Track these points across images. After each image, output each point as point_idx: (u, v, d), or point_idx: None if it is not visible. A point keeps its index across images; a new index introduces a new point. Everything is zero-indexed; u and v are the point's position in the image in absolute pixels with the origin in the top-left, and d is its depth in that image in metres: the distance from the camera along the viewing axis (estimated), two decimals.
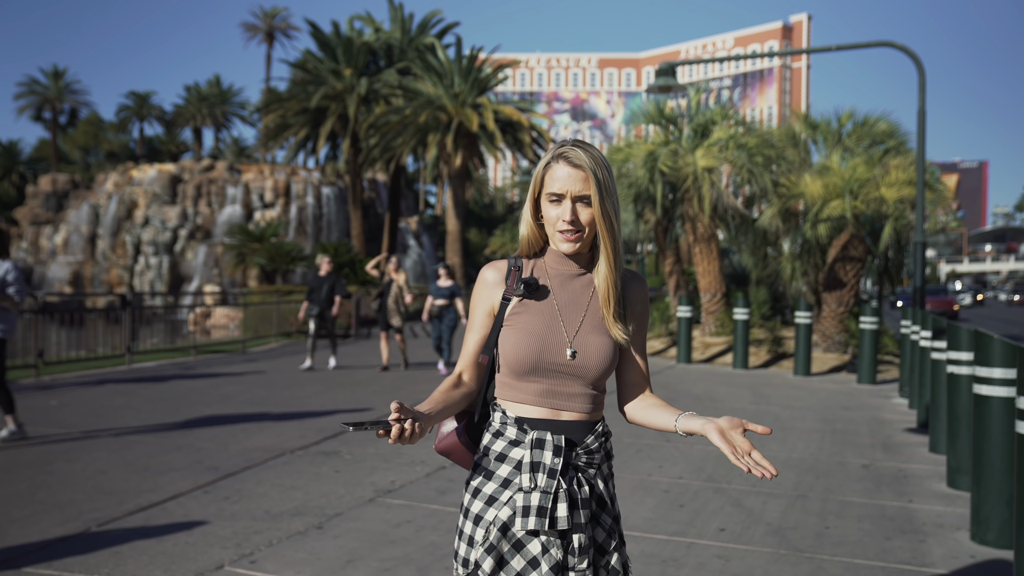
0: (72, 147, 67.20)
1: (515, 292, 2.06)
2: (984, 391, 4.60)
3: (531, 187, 2.09)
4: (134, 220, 44.24)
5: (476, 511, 1.99)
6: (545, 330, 2.02)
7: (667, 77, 13.69)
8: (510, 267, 2.11)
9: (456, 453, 2.15)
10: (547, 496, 1.91)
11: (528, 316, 2.04)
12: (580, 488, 1.97)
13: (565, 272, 2.10)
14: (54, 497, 5.25)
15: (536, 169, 2.08)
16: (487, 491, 2.00)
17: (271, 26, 65.36)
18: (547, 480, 1.93)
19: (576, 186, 1.99)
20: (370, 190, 47.02)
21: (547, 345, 2.00)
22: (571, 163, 2.01)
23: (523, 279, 2.06)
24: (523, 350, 2.00)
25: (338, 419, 8.20)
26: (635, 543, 4.48)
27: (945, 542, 4.63)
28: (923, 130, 11.76)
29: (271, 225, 34.89)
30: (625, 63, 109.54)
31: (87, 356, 12.81)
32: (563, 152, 2.03)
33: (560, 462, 1.95)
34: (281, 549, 4.33)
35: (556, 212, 2.02)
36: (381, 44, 36.71)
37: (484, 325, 2.11)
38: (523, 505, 1.91)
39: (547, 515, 1.90)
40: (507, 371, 2.04)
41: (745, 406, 9.55)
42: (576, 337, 2.02)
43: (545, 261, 2.12)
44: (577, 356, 2.01)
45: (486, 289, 2.11)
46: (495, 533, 1.94)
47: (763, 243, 16.56)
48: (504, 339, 2.04)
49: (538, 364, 2.00)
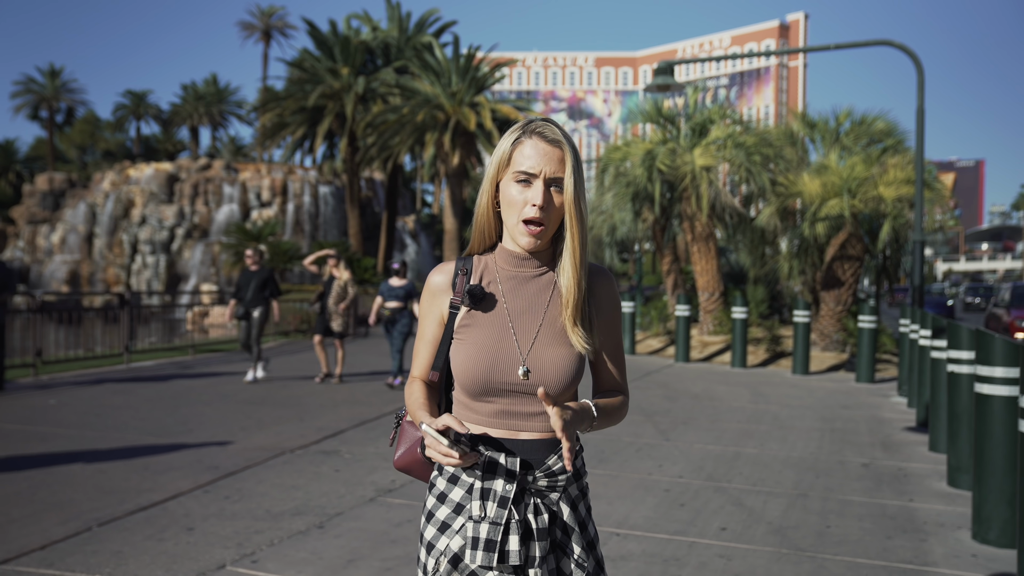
0: (69, 146, 67.03)
1: (461, 302, 1.83)
2: (986, 390, 4.60)
3: (493, 166, 1.81)
4: (131, 219, 44.16)
5: (429, 538, 1.81)
6: (495, 345, 1.78)
7: (665, 76, 13.69)
8: (456, 270, 1.87)
9: (416, 469, 1.96)
10: (496, 528, 1.71)
11: (476, 329, 1.81)
12: (538, 516, 1.75)
13: (519, 274, 1.85)
14: (54, 497, 5.23)
15: (500, 145, 1.81)
16: (440, 516, 1.81)
17: (268, 25, 65.25)
18: (497, 509, 1.72)
19: (551, 166, 1.75)
20: (367, 189, 46.97)
21: (496, 363, 1.77)
22: (547, 139, 1.77)
23: (468, 287, 1.82)
24: (471, 369, 1.77)
25: (338, 419, 8.19)
26: (636, 542, 4.48)
27: (946, 541, 4.64)
28: (922, 129, 11.77)
29: (268, 224, 34.84)
30: (622, 62, 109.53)
31: (85, 355, 12.78)
32: (536, 127, 1.78)
33: (513, 489, 1.74)
34: (282, 548, 4.32)
35: (524, 195, 1.76)
36: (378, 43, 36.67)
37: (434, 336, 1.90)
38: (472, 536, 1.72)
39: (496, 549, 1.70)
40: (460, 390, 1.84)
41: (743, 405, 9.55)
42: (531, 352, 1.78)
43: (496, 261, 1.87)
44: (531, 374, 1.76)
45: (434, 295, 1.89)
46: (445, 565, 1.76)
47: (761, 242, 16.57)
48: (454, 354, 1.82)
49: (488, 384, 1.77)
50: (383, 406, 8.97)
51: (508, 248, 1.85)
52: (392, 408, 8.84)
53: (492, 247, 1.90)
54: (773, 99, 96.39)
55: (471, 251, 1.92)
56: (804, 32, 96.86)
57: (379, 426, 7.83)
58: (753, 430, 7.93)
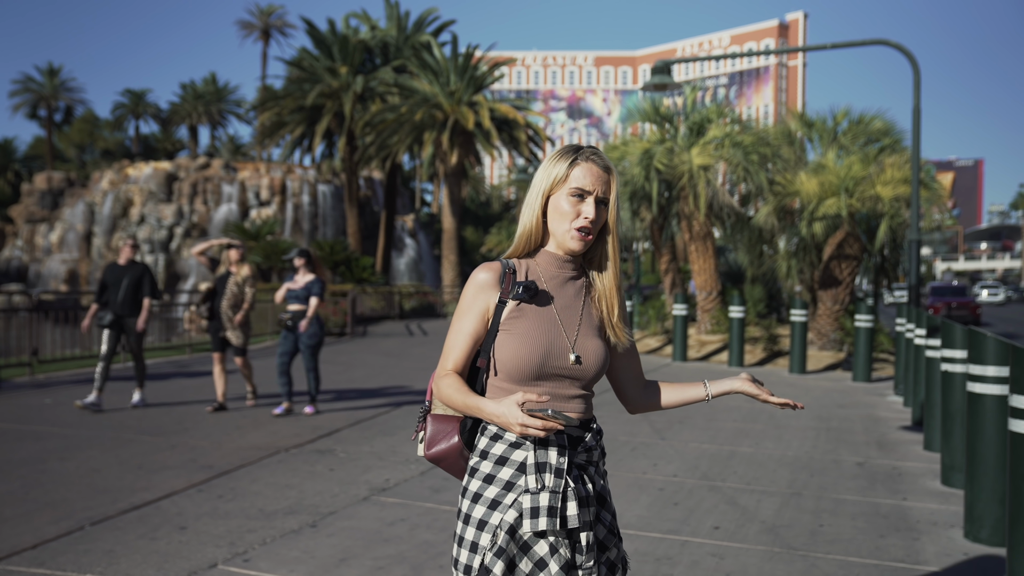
0: (67, 145, 66.98)
1: (514, 295, 2.03)
2: (977, 389, 4.61)
3: (548, 181, 2.07)
4: (130, 218, 44.16)
5: (479, 516, 1.96)
6: (547, 335, 2.02)
7: (663, 75, 13.68)
8: (504, 269, 2.08)
9: (449, 459, 2.11)
10: (556, 496, 1.92)
11: (527, 321, 2.02)
12: (584, 486, 1.99)
13: (560, 276, 2.09)
14: (47, 496, 5.23)
15: (556, 165, 2.07)
16: (489, 495, 1.97)
17: (267, 24, 65.22)
18: (555, 480, 1.94)
19: (601, 187, 2.04)
20: (366, 188, 46.98)
21: (551, 351, 2.01)
22: (600, 165, 2.06)
23: (522, 283, 2.03)
24: (526, 356, 1.99)
25: (333, 418, 8.19)
26: (629, 541, 4.48)
27: (939, 540, 4.64)
28: (918, 128, 11.78)
29: (267, 223, 34.84)
30: (621, 61, 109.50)
31: (82, 354, 12.76)
32: (591, 154, 2.07)
33: (566, 461, 1.96)
34: (275, 548, 4.33)
35: (578, 208, 2.03)
36: (377, 42, 36.66)
37: (477, 328, 2.06)
38: (531, 507, 1.91)
39: (557, 514, 1.91)
40: (505, 376, 2.02)
41: (739, 404, 9.55)
42: (576, 341, 2.04)
43: (538, 263, 2.10)
44: (581, 360, 2.03)
45: (481, 291, 2.06)
46: (503, 536, 1.92)
47: (759, 241, 16.56)
48: (502, 345, 2.02)
49: (542, 370, 2.00)
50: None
51: (551, 252, 2.10)
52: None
53: (528, 253, 2.13)
54: (772, 98, 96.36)
55: (512, 255, 2.13)
56: (803, 31, 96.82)
57: (375, 425, 7.84)
58: (748, 429, 7.94)
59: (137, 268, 8.80)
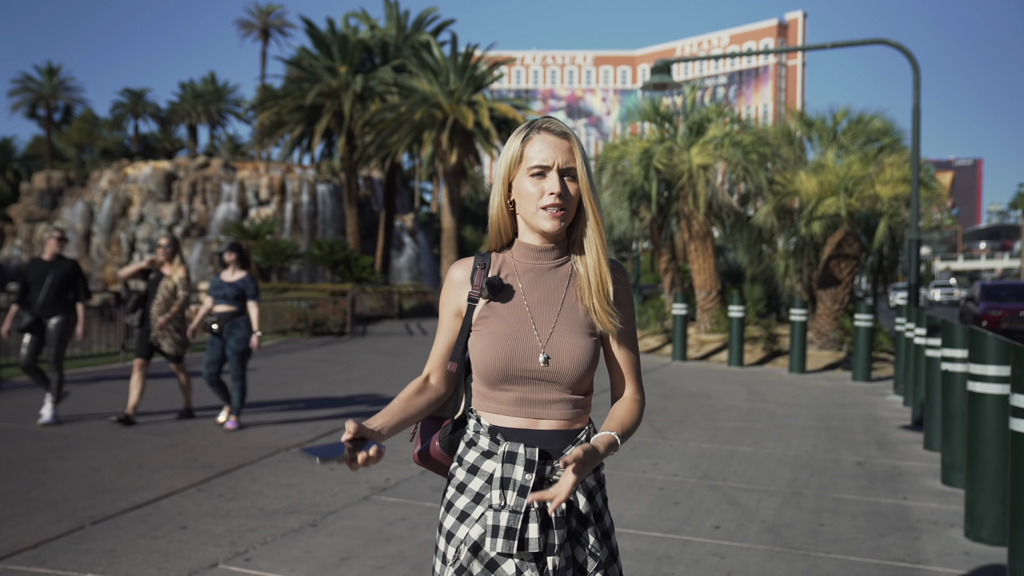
0: (67, 144, 66.93)
1: (480, 294, 1.90)
2: (978, 388, 4.61)
3: (504, 167, 1.89)
4: (129, 217, 44.12)
5: (448, 527, 1.86)
6: (514, 334, 1.85)
7: (662, 75, 13.69)
8: (475, 265, 1.94)
9: (429, 462, 2.04)
10: (516, 516, 1.77)
11: (496, 320, 1.88)
12: None
13: (537, 266, 1.92)
14: (48, 495, 5.23)
15: (509, 146, 1.90)
16: (459, 506, 1.86)
17: (266, 23, 65.18)
18: (517, 498, 1.78)
19: (562, 157, 1.84)
20: (365, 187, 46.95)
21: (517, 351, 1.84)
22: (554, 132, 1.86)
23: (487, 279, 1.89)
24: (491, 357, 1.84)
25: (333, 418, 8.19)
26: (630, 541, 4.48)
27: (939, 539, 4.64)
28: (917, 128, 11.78)
29: (266, 223, 34.85)
30: (621, 60, 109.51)
31: (81, 354, 12.76)
32: (542, 124, 1.88)
33: (532, 478, 1.80)
34: (275, 547, 4.32)
35: (540, 187, 1.84)
36: (376, 41, 36.65)
37: (452, 328, 1.95)
38: (492, 524, 1.78)
39: (516, 537, 1.76)
40: (479, 379, 1.90)
41: (740, 403, 9.56)
42: (549, 340, 1.85)
43: (514, 255, 1.94)
44: (551, 361, 1.84)
45: (453, 289, 1.95)
46: (465, 553, 1.81)
47: (758, 240, 16.57)
48: (473, 345, 1.89)
49: (508, 372, 1.84)
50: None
51: (525, 242, 1.93)
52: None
53: (509, 244, 1.97)
54: (772, 98, 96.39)
55: (489, 249, 1.98)
56: (803, 31, 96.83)
57: None
58: (749, 428, 7.94)
59: (64, 264, 7.80)
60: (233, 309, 7.51)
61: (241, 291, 7.50)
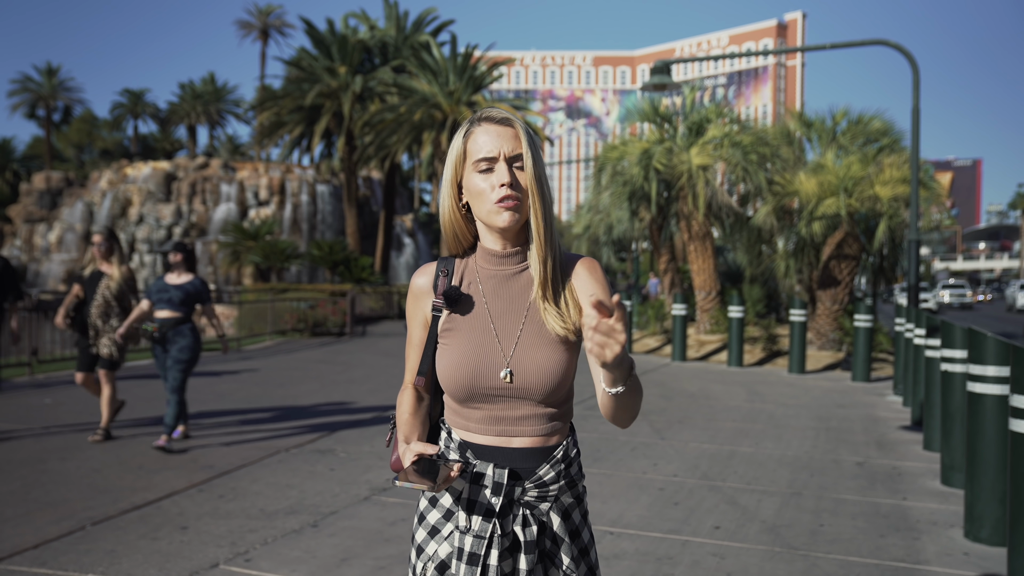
0: (66, 145, 66.95)
1: (439, 305, 1.78)
2: (978, 389, 4.62)
3: (451, 168, 1.76)
4: (128, 218, 44.11)
5: (419, 540, 1.80)
6: (477, 350, 1.73)
7: (662, 75, 13.70)
8: (438, 271, 1.81)
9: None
10: (480, 542, 1.68)
11: (458, 333, 1.75)
12: (526, 528, 1.72)
13: (499, 272, 1.78)
14: (48, 496, 5.23)
15: (453, 145, 1.77)
16: (431, 520, 1.80)
17: (266, 24, 65.20)
18: (481, 523, 1.70)
19: (508, 144, 1.71)
20: (365, 188, 46.95)
21: (480, 368, 1.71)
22: (496, 121, 1.74)
23: (444, 291, 1.76)
24: (455, 376, 1.73)
25: (332, 418, 8.20)
26: (630, 541, 4.48)
27: (939, 539, 4.65)
28: (917, 128, 11.79)
29: (266, 223, 34.86)
30: (620, 61, 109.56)
31: (72, 356, 12.74)
32: (483, 114, 1.76)
33: (499, 501, 1.70)
34: (276, 547, 4.33)
35: (490, 180, 1.71)
36: (376, 42, 36.66)
37: (420, 340, 1.83)
38: (458, 547, 1.71)
39: (479, 563, 1.68)
40: (447, 395, 1.80)
41: (740, 404, 9.56)
42: (514, 354, 1.72)
43: (476, 262, 1.81)
44: (515, 377, 1.71)
45: (416, 299, 1.83)
46: (432, 572, 1.76)
47: (758, 241, 16.58)
48: (438, 360, 1.77)
49: (474, 390, 1.72)
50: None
51: (487, 247, 1.79)
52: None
53: (472, 247, 1.84)
54: (771, 98, 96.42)
55: (450, 253, 1.86)
56: (802, 31, 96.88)
57: (375, 425, 7.84)
58: (748, 429, 7.94)
59: None
60: (178, 315, 6.65)
61: (189, 295, 6.70)
